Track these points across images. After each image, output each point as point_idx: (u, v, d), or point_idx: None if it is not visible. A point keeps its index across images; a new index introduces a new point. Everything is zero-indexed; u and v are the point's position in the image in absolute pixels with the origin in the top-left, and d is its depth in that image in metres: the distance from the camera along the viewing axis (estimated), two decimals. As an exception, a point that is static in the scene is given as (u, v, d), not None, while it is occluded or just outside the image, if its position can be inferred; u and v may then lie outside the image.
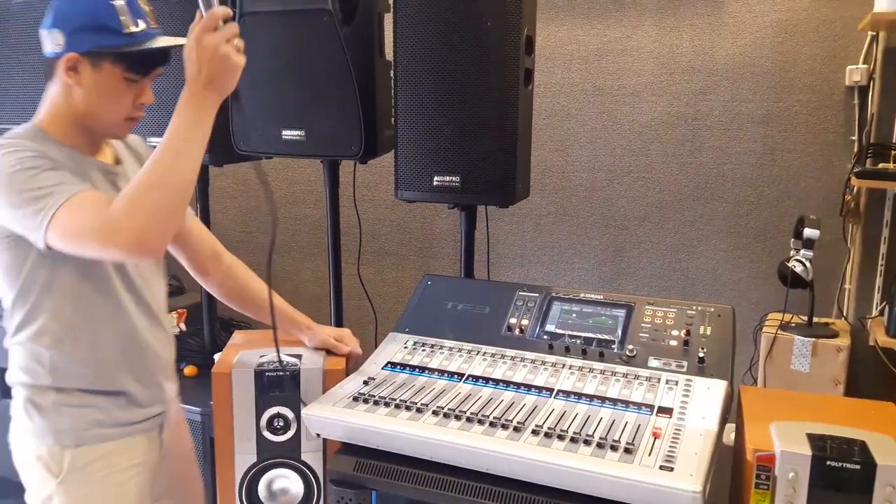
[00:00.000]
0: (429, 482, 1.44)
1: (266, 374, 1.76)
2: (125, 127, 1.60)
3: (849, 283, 2.88)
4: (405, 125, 2.16)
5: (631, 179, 3.16)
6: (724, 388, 1.52)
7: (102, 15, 1.49)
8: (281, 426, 1.78)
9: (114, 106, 1.55)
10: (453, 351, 1.75)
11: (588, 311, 1.78)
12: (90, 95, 1.52)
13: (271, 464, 1.81)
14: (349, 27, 2.19)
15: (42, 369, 1.58)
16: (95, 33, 1.48)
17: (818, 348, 2.52)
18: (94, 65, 1.50)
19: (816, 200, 2.91)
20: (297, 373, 1.76)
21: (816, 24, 2.82)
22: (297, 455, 1.79)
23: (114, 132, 1.62)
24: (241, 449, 1.79)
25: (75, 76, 1.50)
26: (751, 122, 2.96)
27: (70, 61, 1.49)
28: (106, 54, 1.50)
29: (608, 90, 3.14)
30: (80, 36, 1.49)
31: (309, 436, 1.73)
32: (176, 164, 1.41)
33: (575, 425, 1.42)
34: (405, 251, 3.58)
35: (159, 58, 1.57)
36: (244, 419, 1.78)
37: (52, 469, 1.58)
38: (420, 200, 2.24)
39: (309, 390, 1.74)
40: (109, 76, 1.51)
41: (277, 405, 1.77)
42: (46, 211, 1.39)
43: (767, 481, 1.31)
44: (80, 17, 1.49)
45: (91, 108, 1.54)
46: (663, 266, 3.17)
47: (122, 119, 1.57)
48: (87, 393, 1.59)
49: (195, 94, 1.43)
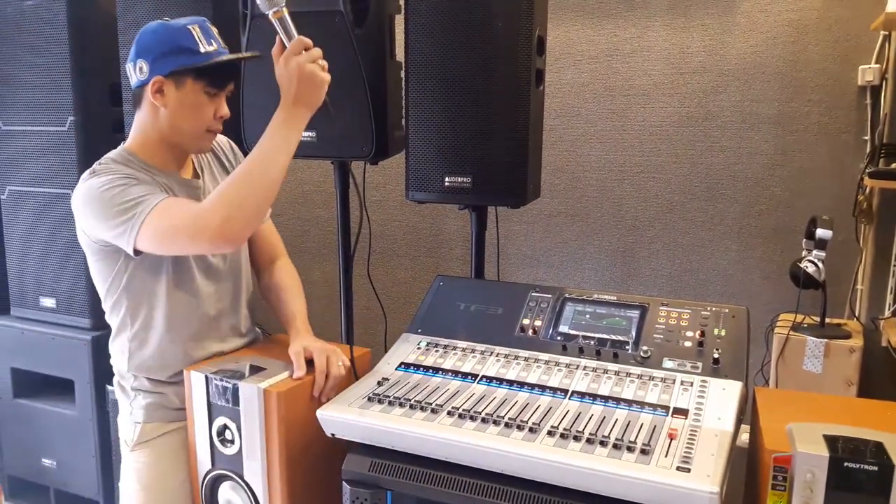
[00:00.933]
0: (444, 483, 1.44)
1: (213, 382, 1.69)
2: (207, 139, 1.78)
3: (861, 284, 2.87)
4: (416, 126, 2.16)
5: (641, 180, 3.15)
6: (739, 389, 1.51)
7: (181, 38, 1.67)
8: (229, 439, 1.70)
9: (197, 119, 1.72)
10: (466, 352, 1.75)
11: (602, 312, 1.77)
12: (175, 112, 1.70)
13: (221, 475, 1.75)
14: (360, 29, 2.19)
15: (124, 359, 1.81)
16: (176, 55, 1.66)
17: (831, 349, 2.51)
18: (177, 84, 1.68)
19: (829, 201, 2.90)
20: (237, 387, 1.66)
21: (828, 24, 2.81)
22: (241, 472, 1.71)
23: (198, 144, 1.79)
24: (201, 453, 1.77)
25: (161, 98, 1.68)
26: (762, 123, 2.95)
27: (156, 84, 1.67)
28: (187, 72, 1.67)
29: (619, 90, 3.13)
30: (163, 60, 1.66)
31: (249, 455, 1.67)
32: (263, 166, 1.60)
33: (590, 426, 1.42)
34: (415, 252, 3.58)
35: (232, 71, 1.77)
36: (201, 424, 1.74)
37: (127, 441, 1.84)
38: (431, 201, 2.24)
39: (247, 408, 1.65)
40: (191, 92, 1.69)
41: (224, 416, 1.70)
42: (137, 217, 1.58)
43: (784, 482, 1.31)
44: (162, 44, 1.67)
45: (176, 123, 1.71)
46: (674, 267, 3.16)
47: (204, 131, 1.74)
48: (156, 382, 1.80)
49: (288, 109, 1.64)
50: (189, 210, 1.62)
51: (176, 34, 1.67)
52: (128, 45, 2.50)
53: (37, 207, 2.93)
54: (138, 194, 1.61)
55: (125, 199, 1.60)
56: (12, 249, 3.04)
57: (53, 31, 2.77)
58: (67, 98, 2.80)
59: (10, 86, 2.90)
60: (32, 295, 3.03)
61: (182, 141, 1.76)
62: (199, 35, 1.69)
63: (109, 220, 1.61)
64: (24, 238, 3.00)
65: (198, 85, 1.69)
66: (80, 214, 1.68)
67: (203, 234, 1.57)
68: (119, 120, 2.71)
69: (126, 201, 1.60)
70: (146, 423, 1.82)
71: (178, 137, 1.75)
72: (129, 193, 1.61)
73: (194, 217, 1.59)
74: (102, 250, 1.71)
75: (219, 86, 1.73)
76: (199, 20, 1.72)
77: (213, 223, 1.55)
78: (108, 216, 1.61)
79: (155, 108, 1.71)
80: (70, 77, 2.79)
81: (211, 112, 1.74)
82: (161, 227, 1.59)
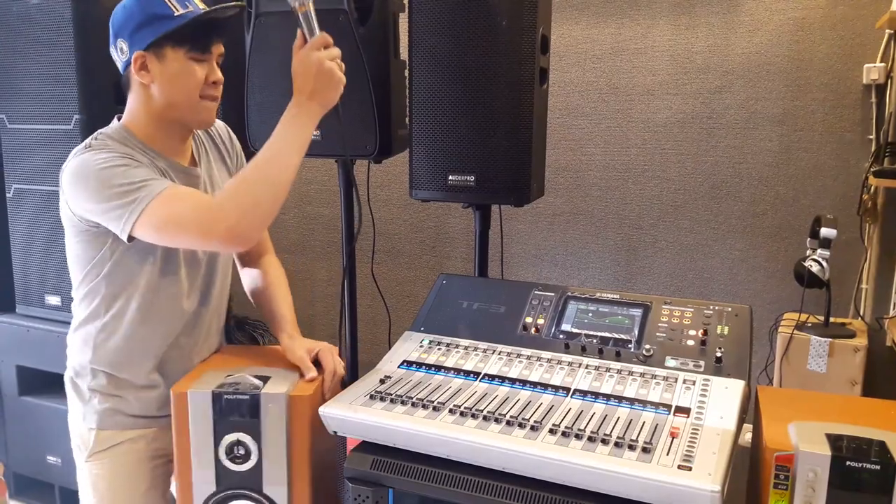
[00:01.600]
0: (446, 480, 1.44)
1: (224, 398, 1.59)
2: (206, 109, 1.67)
3: (866, 283, 2.87)
4: (420, 124, 2.16)
5: (645, 178, 3.15)
6: (741, 388, 1.51)
7: (151, 6, 1.58)
8: (241, 454, 1.62)
9: (187, 87, 1.62)
10: (469, 350, 1.75)
11: (604, 310, 1.77)
12: (164, 86, 1.61)
13: (230, 495, 1.64)
14: (364, 27, 2.20)
15: (87, 352, 1.71)
16: (150, 26, 1.57)
17: (835, 348, 2.51)
18: (158, 56, 1.59)
19: (833, 199, 2.89)
20: (257, 398, 1.60)
21: (833, 22, 2.81)
22: (259, 487, 1.63)
23: (198, 116, 1.68)
24: (199, 477, 1.64)
25: (146, 74, 1.60)
26: (767, 121, 2.95)
27: (137, 60, 1.59)
28: (165, 40, 1.58)
29: (623, 89, 3.13)
30: (138, 34, 1.58)
31: (272, 467, 1.61)
32: (277, 165, 1.55)
33: (592, 424, 1.42)
34: (419, 250, 3.58)
35: (215, 30, 1.64)
36: (202, 445, 1.62)
37: (81, 447, 1.75)
38: (435, 200, 2.24)
39: (271, 417, 1.60)
40: (175, 61, 1.60)
41: (237, 431, 1.61)
42: (138, 202, 1.50)
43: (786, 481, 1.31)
44: (134, 17, 1.59)
45: (169, 97, 1.62)
46: (678, 265, 3.16)
47: (199, 98, 1.64)
48: (116, 382, 1.71)
49: (301, 104, 1.58)
50: (200, 203, 1.56)
51: (146, 3, 1.59)
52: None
53: (42, 205, 2.94)
54: (141, 178, 1.53)
55: (126, 180, 1.52)
56: (18, 247, 3.05)
57: (58, 30, 2.78)
58: (73, 96, 2.81)
59: (15, 84, 2.90)
60: (38, 293, 3.04)
61: (181, 116, 1.67)
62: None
63: (105, 200, 1.52)
64: (29, 236, 3.00)
65: (179, 52, 1.60)
66: (71, 190, 1.57)
67: (214, 232, 1.52)
68: (124, 118, 2.72)
69: (127, 183, 1.51)
70: (101, 430, 1.72)
71: (175, 113, 1.65)
72: (131, 175, 1.53)
73: (207, 212, 1.53)
74: (88, 231, 1.62)
75: (202, 49, 1.63)
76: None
77: (227, 221, 1.50)
78: (104, 196, 1.52)
79: (144, 87, 1.63)
80: (75, 75, 2.79)
81: (202, 77, 1.63)
82: (167, 217, 1.52)
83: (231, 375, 1.68)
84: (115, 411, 1.72)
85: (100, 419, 1.72)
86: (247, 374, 1.68)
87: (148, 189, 1.51)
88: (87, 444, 1.73)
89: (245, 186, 1.54)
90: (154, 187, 1.52)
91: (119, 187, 1.51)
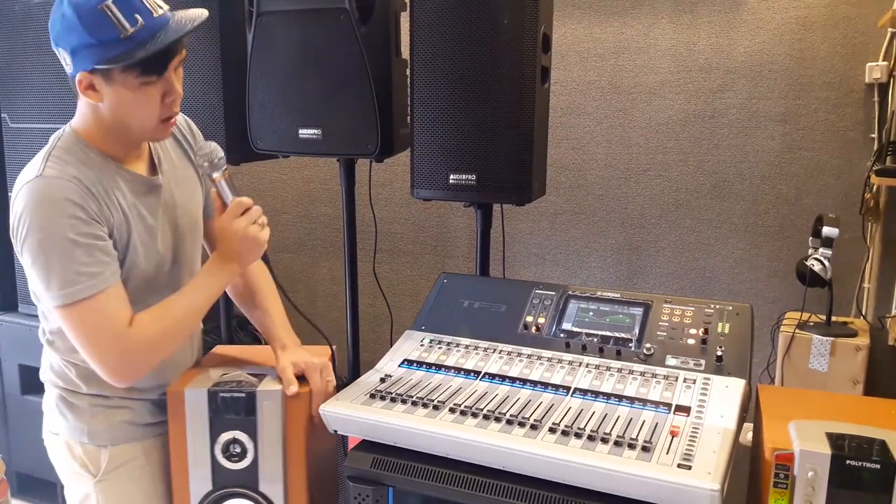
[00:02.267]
0: (445, 479, 1.45)
1: (220, 396, 1.59)
2: (164, 129, 1.54)
3: (868, 282, 2.86)
4: (421, 123, 2.16)
5: (647, 178, 3.15)
6: (742, 387, 1.51)
7: (93, 26, 1.36)
8: (237, 453, 1.61)
9: (142, 113, 1.47)
10: (469, 349, 1.75)
11: (605, 309, 1.77)
12: (115, 108, 1.46)
13: (227, 493, 1.64)
14: (366, 26, 2.20)
15: (75, 379, 1.61)
16: (94, 49, 1.38)
17: (837, 347, 2.50)
18: (106, 79, 1.42)
19: (835, 198, 2.89)
20: (253, 395, 1.59)
21: (836, 21, 2.80)
22: (255, 485, 1.63)
23: (154, 136, 1.57)
24: (195, 475, 1.64)
25: (94, 94, 1.44)
26: (769, 120, 2.94)
27: (82, 82, 1.42)
28: (112, 64, 1.39)
29: (625, 88, 3.13)
30: (81, 54, 1.39)
31: (268, 465, 1.61)
32: (190, 319, 1.58)
33: (592, 423, 1.42)
34: (420, 249, 3.58)
35: (172, 49, 1.43)
36: (198, 443, 1.62)
37: (89, 468, 1.63)
38: (436, 199, 2.24)
39: (266, 415, 1.59)
40: (125, 87, 1.42)
41: (233, 430, 1.60)
42: (72, 295, 1.42)
43: (786, 480, 1.31)
44: (74, 34, 1.38)
45: (122, 119, 1.48)
46: (680, 264, 3.15)
47: (156, 123, 1.50)
48: (119, 397, 1.63)
49: (220, 265, 1.58)
50: (118, 333, 1.46)
51: (87, 23, 1.36)
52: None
53: (44, 204, 2.94)
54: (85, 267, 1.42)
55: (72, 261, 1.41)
56: (20, 246, 3.05)
57: (61, 29, 2.78)
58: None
59: (17, 83, 2.91)
60: (40, 291, 3.04)
61: (133, 135, 1.53)
62: (115, 15, 1.36)
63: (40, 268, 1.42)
64: (31, 235, 3.01)
65: (129, 76, 1.41)
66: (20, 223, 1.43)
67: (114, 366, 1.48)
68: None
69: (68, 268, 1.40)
70: (115, 447, 1.62)
71: (126, 132, 1.51)
72: (79, 256, 1.41)
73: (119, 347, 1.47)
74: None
75: (158, 71, 1.43)
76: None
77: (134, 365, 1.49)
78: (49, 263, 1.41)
79: (92, 104, 1.46)
80: (77, 75, 2.79)
81: (157, 99, 1.46)
82: (83, 328, 1.45)
83: (227, 374, 1.68)
84: (128, 423, 1.64)
85: (113, 434, 1.62)
86: (243, 373, 1.68)
87: (83, 286, 1.42)
88: (98, 465, 1.62)
89: (161, 338, 1.52)
90: (90, 287, 1.42)
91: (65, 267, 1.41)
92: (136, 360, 1.50)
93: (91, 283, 1.43)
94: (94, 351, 1.47)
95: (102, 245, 1.46)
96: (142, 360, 1.51)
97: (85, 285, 1.42)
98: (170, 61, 1.45)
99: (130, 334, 1.47)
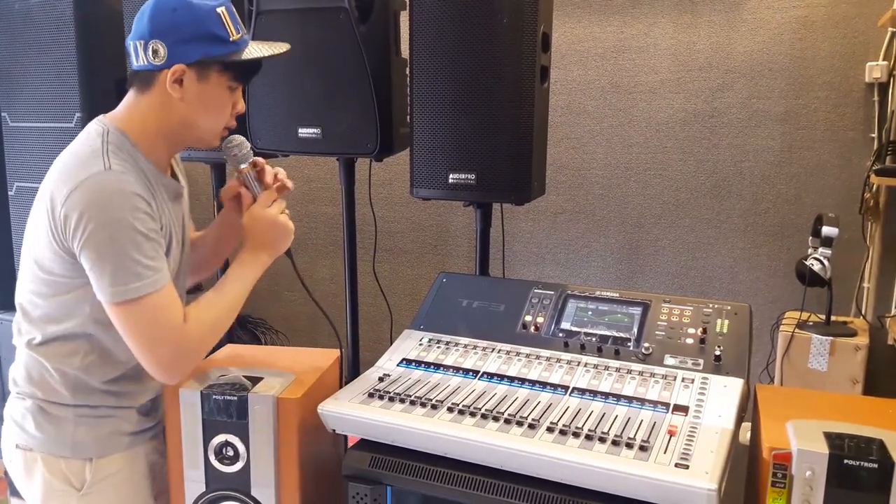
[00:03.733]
0: (443, 478, 1.45)
1: (213, 398, 1.58)
2: (219, 136, 1.60)
3: (867, 282, 2.86)
4: (421, 123, 2.16)
5: (647, 177, 3.15)
6: (740, 387, 1.51)
7: (209, 23, 1.47)
8: (230, 455, 1.60)
9: (216, 116, 1.55)
10: (468, 348, 1.75)
11: (604, 308, 1.77)
12: (193, 106, 1.51)
13: (220, 496, 1.62)
14: (365, 25, 2.20)
15: (61, 388, 1.54)
16: (203, 43, 1.46)
17: (836, 347, 2.50)
18: (200, 76, 1.49)
19: (835, 198, 2.89)
20: (245, 399, 1.57)
21: (836, 21, 2.80)
22: (247, 489, 1.61)
23: (208, 142, 1.60)
24: (189, 476, 1.63)
25: (179, 88, 1.48)
26: (769, 120, 2.94)
27: (176, 73, 1.46)
28: (213, 63, 1.49)
29: (625, 87, 3.13)
30: (186, 46, 1.46)
31: (260, 469, 1.59)
32: (232, 312, 1.58)
33: (590, 423, 1.42)
34: (420, 249, 3.59)
35: (259, 66, 1.59)
36: (192, 444, 1.61)
37: (72, 483, 1.55)
38: (435, 198, 2.24)
39: (258, 419, 1.58)
40: (215, 86, 1.51)
41: (226, 432, 1.59)
42: (137, 291, 1.41)
43: (784, 480, 1.30)
44: (186, 27, 1.45)
45: (192, 119, 1.53)
46: (680, 264, 3.16)
47: (220, 129, 1.58)
48: (106, 407, 1.58)
49: (253, 255, 1.60)
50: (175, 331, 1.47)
51: (204, 17, 1.46)
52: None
53: (44, 203, 2.95)
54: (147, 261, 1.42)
55: (136, 256, 1.40)
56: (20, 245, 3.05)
57: (60, 28, 2.78)
58: (74, 94, 2.81)
59: (17, 82, 2.91)
60: (40, 290, 3.05)
61: (191, 136, 1.57)
62: (227, 20, 1.49)
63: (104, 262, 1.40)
64: (32, 234, 3.01)
65: (223, 78, 1.51)
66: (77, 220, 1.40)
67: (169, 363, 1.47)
68: (126, 116, 2.72)
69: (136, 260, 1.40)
70: (101, 459, 1.56)
71: (187, 132, 1.55)
72: (145, 251, 1.42)
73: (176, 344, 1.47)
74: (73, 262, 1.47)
75: (243, 80, 1.57)
76: (225, 1, 1.50)
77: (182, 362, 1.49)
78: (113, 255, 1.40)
79: (167, 98, 1.49)
80: (77, 73, 2.79)
81: (230, 107, 1.57)
82: (140, 325, 1.44)
83: (224, 375, 1.68)
84: (113, 433, 1.58)
85: (99, 446, 1.56)
86: (239, 375, 1.67)
87: (146, 281, 1.42)
88: (82, 478, 1.55)
89: (211, 334, 1.53)
90: (152, 283, 1.42)
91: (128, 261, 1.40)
92: (191, 355, 1.50)
93: (155, 277, 1.43)
94: (151, 346, 1.46)
95: (161, 242, 1.49)
96: (195, 355, 1.52)
97: (150, 280, 1.42)
98: (255, 74, 1.60)
99: (186, 330, 1.48)
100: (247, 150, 1.65)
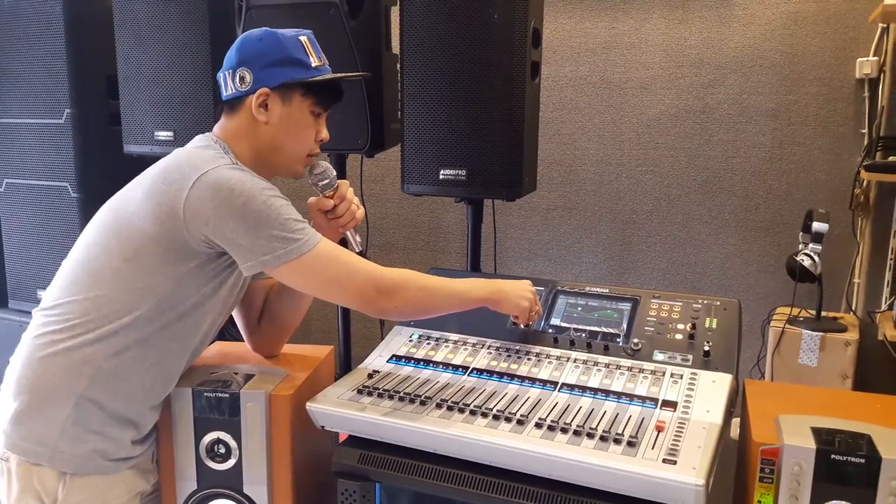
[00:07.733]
0: (432, 474, 1.44)
1: (204, 395, 1.56)
2: (303, 164, 1.64)
3: (858, 278, 2.87)
4: (412, 119, 2.16)
5: (639, 173, 3.15)
6: (729, 382, 1.51)
7: (292, 49, 1.55)
8: (222, 453, 1.59)
9: (300, 139, 1.60)
10: (458, 344, 1.75)
11: (593, 304, 1.77)
12: (279, 129, 1.57)
13: (212, 493, 1.61)
14: (356, 20, 2.20)
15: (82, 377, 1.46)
16: (286, 67, 1.55)
17: (826, 342, 2.51)
18: (284, 99, 1.56)
19: (825, 194, 2.89)
20: (236, 396, 1.56)
21: (826, 16, 2.81)
22: (239, 487, 1.59)
23: (294, 169, 1.64)
24: (181, 474, 1.61)
25: (265, 112, 1.55)
26: (760, 115, 2.95)
27: (261, 97, 1.54)
28: (296, 87, 1.56)
29: (616, 83, 3.13)
30: (271, 71, 1.54)
31: (252, 466, 1.58)
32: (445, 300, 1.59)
33: (578, 418, 1.42)
34: (412, 245, 3.58)
35: (338, 92, 1.65)
36: (184, 442, 1.59)
37: (42, 499, 1.47)
38: (427, 194, 2.24)
39: (250, 416, 1.56)
40: (298, 109, 1.57)
41: (217, 430, 1.57)
42: (298, 247, 1.44)
43: (772, 475, 1.31)
44: (271, 53, 1.54)
45: (278, 142, 1.58)
46: (671, 260, 3.16)
47: (304, 154, 1.63)
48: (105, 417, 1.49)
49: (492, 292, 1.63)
50: (355, 257, 1.52)
51: (287, 44, 1.55)
52: (124, 37, 2.51)
53: (33, 200, 2.93)
54: (299, 218, 1.47)
55: (289, 216, 1.45)
56: (9, 242, 3.04)
57: (50, 23, 2.77)
58: (64, 90, 2.80)
59: (6, 78, 2.90)
60: (30, 288, 3.04)
61: (278, 162, 1.61)
62: (310, 48, 1.58)
63: (261, 227, 1.42)
64: (20, 231, 3.00)
65: (305, 102, 1.58)
66: (211, 206, 1.41)
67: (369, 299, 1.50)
68: (115, 113, 2.71)
69: (291, 220, 1.45)
70: (80, 476, 1.47)
71: (274, 157, 1.60)
72: (292, 212, 1.46)
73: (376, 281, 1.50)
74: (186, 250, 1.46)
75: (325, 105, 1.62)
76: (308, 32, 1.61)
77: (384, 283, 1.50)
78: (262, 222, 1.42)
79: (254, 123, 1.56)
80: (66, 69, 2.78)
81: (314, 132, 1.61)
82: (329, 273, 1.47)
83: (216, 373, 1.67)
84: (99, 452, 1.48)
85: (80, 461, 1.47)
86: (231, 372, 1.67)
87: (307, 234, 1.46)
88: (57, 492, 1.46)
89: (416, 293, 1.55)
90: (312, 235, 1.47)
91: (284, 221, 1.44)
92: (389, 285, 1.51)
93: (312, 230, 1.49)
94: (348, 280, 1.48)
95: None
96: (394, 287, 1.51)
97: (311, 231, 1.48)
98: (336, 101, 1.65)
99: (374, 265, 1.52)
100: (332, 176, 1.68)
